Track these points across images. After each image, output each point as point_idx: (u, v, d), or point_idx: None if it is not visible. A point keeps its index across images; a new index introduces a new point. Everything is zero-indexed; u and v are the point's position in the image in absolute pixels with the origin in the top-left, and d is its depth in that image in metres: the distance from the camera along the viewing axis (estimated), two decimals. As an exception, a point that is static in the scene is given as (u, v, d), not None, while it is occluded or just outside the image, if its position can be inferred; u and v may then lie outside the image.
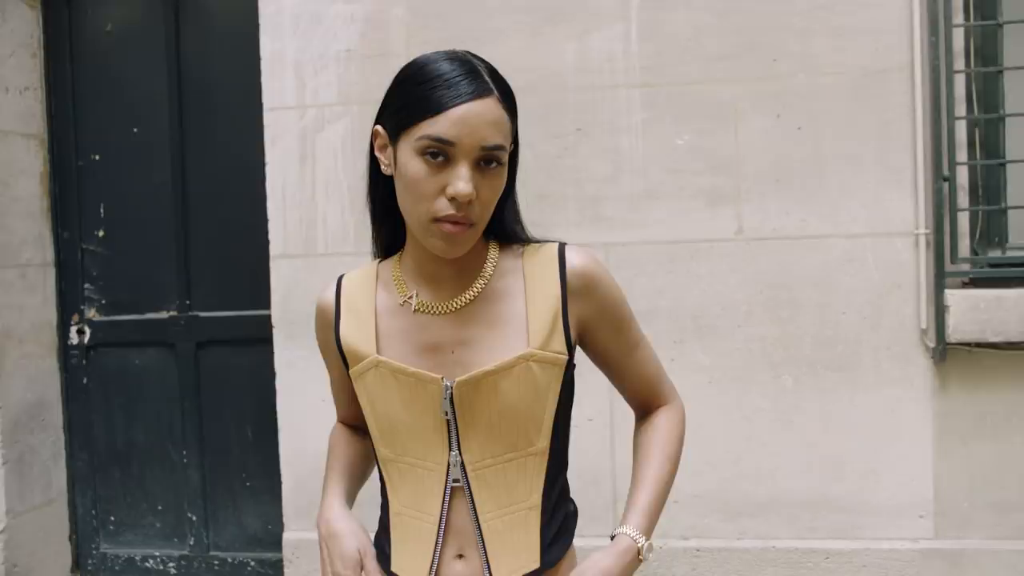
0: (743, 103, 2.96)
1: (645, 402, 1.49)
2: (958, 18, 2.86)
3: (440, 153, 1.15)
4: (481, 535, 1.26)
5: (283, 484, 3.26)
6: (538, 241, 1.35)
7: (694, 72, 2.98)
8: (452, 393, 1.23)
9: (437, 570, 1.27)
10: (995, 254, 2.92)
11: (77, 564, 3.81)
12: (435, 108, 1.14)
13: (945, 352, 2.85)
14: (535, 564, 1.28)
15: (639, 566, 1.28)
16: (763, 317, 2.96)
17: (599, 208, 3.02)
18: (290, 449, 3.24)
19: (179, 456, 3.69)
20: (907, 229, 2.89)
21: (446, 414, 1.24)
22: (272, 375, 3.25)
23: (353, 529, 1.30)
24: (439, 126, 1.14)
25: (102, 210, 3.72)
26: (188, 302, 3.65)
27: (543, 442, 1.29)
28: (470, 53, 1.22)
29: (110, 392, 3.75)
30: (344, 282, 1.37)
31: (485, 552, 1.26)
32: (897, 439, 2.92)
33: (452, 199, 1.15)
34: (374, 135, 1.26)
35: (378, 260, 1.38)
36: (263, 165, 3.22)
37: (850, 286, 2.92)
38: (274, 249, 3.22)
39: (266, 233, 3.23)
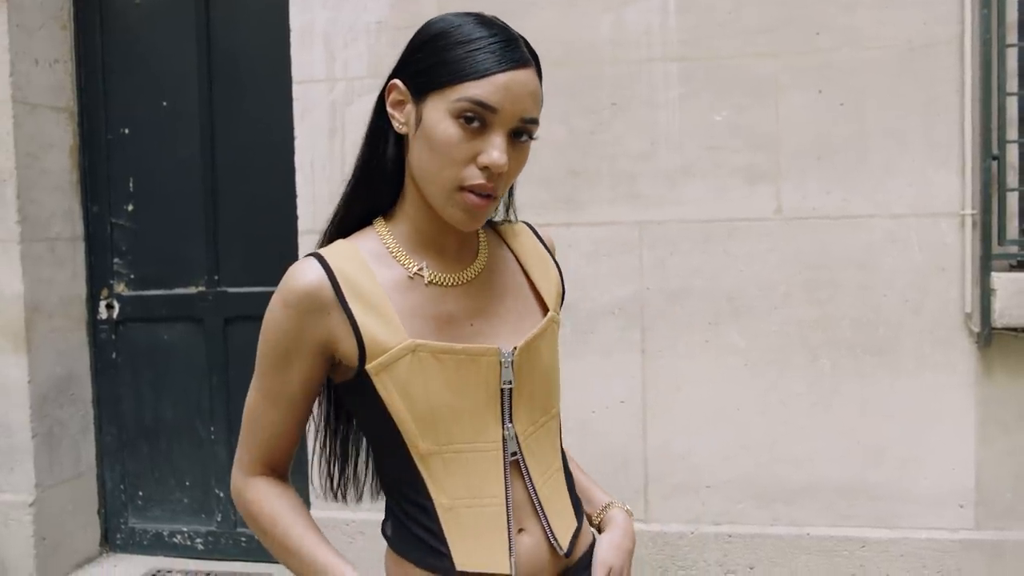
0: (784, 78, 2.87)
1: None
2: (1011, -11, 2.76)
3: (477, 119, 1.09)
4: (540, 503, 1.23)
5: (309, 462, 3.23)
6: (502, 221, 1.36)
7: (733, 45, 2.89)
8: (513, 361, 1.19)
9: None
10: (1045, 236, 2.82)
11: (106, 538, 3.82)
12: (480, 71, 1.08)
13: (990, 337, 2.76)
14: (575, 524, 1.28)
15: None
16: (801, 299, 2.88)
17: (634, 185, 2.95)
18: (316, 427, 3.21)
19: (207, 432, 3.68)
20: (953, 209, 2.79)
21: (508, 383, 1.19)
22: (300, 352, 3.21)
23: None
24: (482, 89, 1.08)
25: (131, 184, 3.71)
26: (216, 277, 3.63)
27: (559, 403, 1.31)
28: (498, 19, 1.16)
29: (139, 367, 3.75)
30: (331, 261, 1.17)
31: (546, 519, 1.23)
32: (938, 426, 2.84)
33: (484, 168, 1.10)
34: (389, 89, 1.18)
35: (342, 239, 1.24)
36: (292, 139, 3.18)
37: (892, 268, 2.83)
38: (302, 224, 3.18)
39: (295, 208, 3.19)
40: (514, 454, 1.21)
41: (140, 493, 3.78)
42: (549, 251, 1.36)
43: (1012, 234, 2.78)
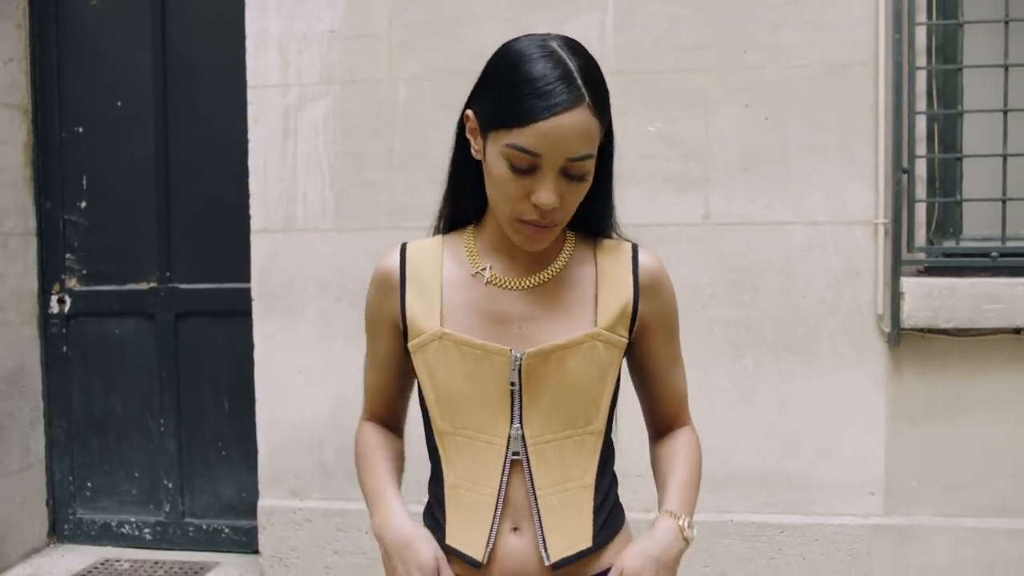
0: (713, 92, 3.05)
1: (668, 420, 1.48)
2: (921, 16, 2.96)
3: (526, 161, 1.16)
4: (538, 509, 1.28)
5: (259, 453, 3.34)
6: (614, 239, 1.38)
7: (667, 61, 3.06)
8: (521, 364, 1.25)
9: (494, 542, 1.28)
10: (949, 244, 3.04)
11: (53, 529, 3.88)
12: (526, 118, 1.14)
13: (899, 337, 2.97)
14: (587, 543, 1.30)
15: (687, 547, 1.31)
16: (726, 300, 3.06)
17: (572, 191, 3.09)
18: (266, 419, 3.32)
19: (156, 425, 3.75)
20: (867, 218, 3.00)
21: (513, 385, 1.26)
22: (250, 347, 3.32)
23: (425, 535, 1.29)
24: (527, 138, 1.14)
25: (84, 181, 3.77)
26: (168, 274, 3.72)
27: (600, 422, 1.31)
28: (564, 44, 1.21)
29: (89, 361, 3.81)
30: (410, 251, 1.35)
31: (541, 526, 1.27)
32: (851, 419, 3.04)
33: (536, 207, 1.18)
34: (464, 118, 1.27)
35: (441, 235, 1.38)
36: (246, 141, 3.28)
37: (811, 272, 3.03)
38: (255, 223, 3.28)
39: (247, 208, 3.29)
40: (516, 454, 1.27)
41: (89, 484, 3.84)
42: (637, 275, 1.33)
43: (920, 242, 2.99)
